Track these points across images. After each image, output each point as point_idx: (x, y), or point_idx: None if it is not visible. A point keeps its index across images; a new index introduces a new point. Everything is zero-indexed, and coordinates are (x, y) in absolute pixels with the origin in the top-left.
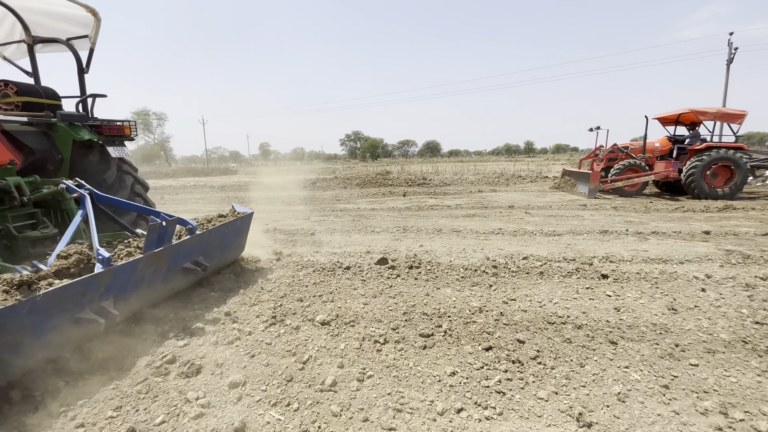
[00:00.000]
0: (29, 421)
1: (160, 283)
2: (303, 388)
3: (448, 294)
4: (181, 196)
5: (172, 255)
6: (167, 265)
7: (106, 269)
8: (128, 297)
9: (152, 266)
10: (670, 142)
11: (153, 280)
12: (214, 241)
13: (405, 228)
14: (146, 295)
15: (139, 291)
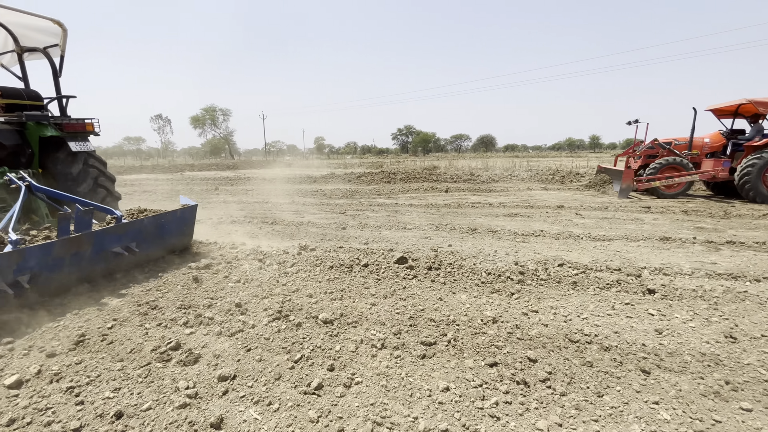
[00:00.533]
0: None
1: (87, 264)
2: (288, 388)
3: (462, 300)
4: (234, 187)
5: (94, 240)
6: (91, 249)
7: (15, 250)
8: (49, 275)
9: (72, 249)
10: (723, 137)
11: (77, 261)
12: (149, 230)
13: (438, 226)
14: (72, 274)
15: (61, 270)
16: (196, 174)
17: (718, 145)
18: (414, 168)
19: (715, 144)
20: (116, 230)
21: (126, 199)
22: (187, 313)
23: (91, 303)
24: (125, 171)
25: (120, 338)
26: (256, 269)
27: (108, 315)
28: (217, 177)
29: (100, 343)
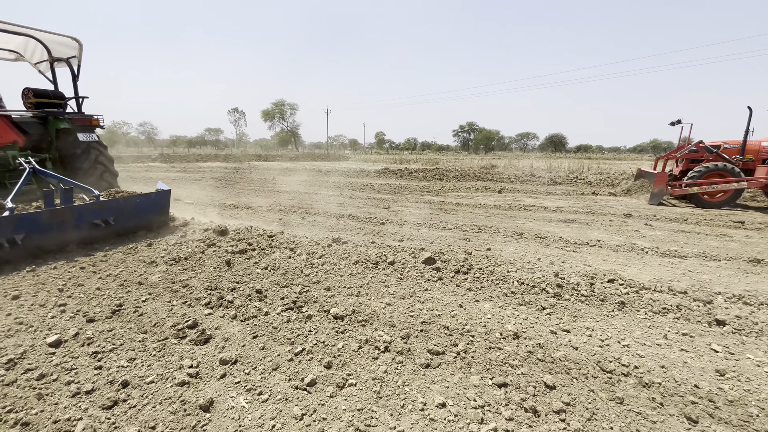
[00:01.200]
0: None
1: (73, 230)
2: (282, 381)
3: (484, 309)
4: (290, 178)
5: (74, 213)
6: (73, 219)
7: (10, 215)
8: (39, 236)
9: (56, 218)
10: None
11: (62, 227)
12: (125, 208)
13: (481, 227)
14: (58, 237)
15: (50, 233)
16: (261, 164)
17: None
18: (470, 166)
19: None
20: (93, 206)
21: (195, 184)
22: (211, 295)
23: (136, 276)
24: (202, 159)
25: (149, 312)
26: (285, 258)
27: (146, 289)
28: (279, 167)
29: (132, 314)
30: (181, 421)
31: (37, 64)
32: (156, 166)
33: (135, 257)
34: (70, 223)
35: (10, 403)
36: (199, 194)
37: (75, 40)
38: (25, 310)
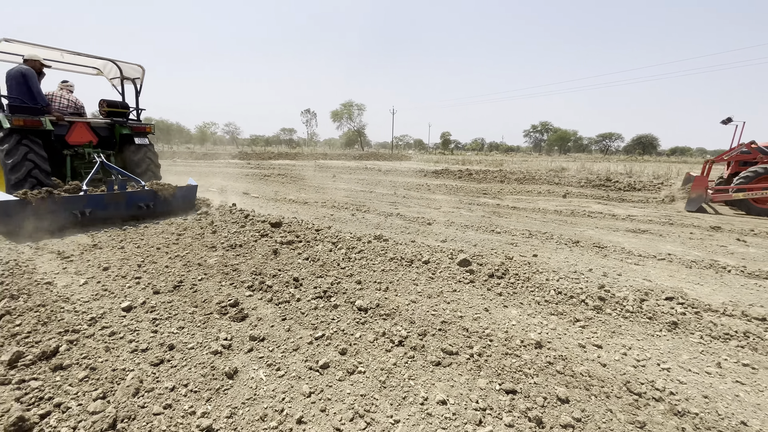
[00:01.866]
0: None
1: (124, 209)
2: (299, 361)
3: (511, 315)
4: (351, 176)
5: (126, 196)
6: (125, 201)
7: (82, 194)
8: (101, 209)
9: (114, 199)
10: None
11: (117, 206)
12: (164, 195)
13: (533, 233)
14: (114, 213)
15: (108, 209)
16: (327, 162)
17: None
18: (537, 168)
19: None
20: (140, 193)
21: (264, 180)
22: (254, 279)
23: (198, 258)
24: (274, 157)
25: (202, 289)
26: (326, 251)
27: (203, 270)
28: (342, 166)
29: (189, 290)
30: (208, 384)
31: (112, 79)
32: (234, 163)
33: (200, 242)
34: (122, 203)
35: (86, 351)
36: (265, 189)
37: (140, 66)
38: (111, 279)
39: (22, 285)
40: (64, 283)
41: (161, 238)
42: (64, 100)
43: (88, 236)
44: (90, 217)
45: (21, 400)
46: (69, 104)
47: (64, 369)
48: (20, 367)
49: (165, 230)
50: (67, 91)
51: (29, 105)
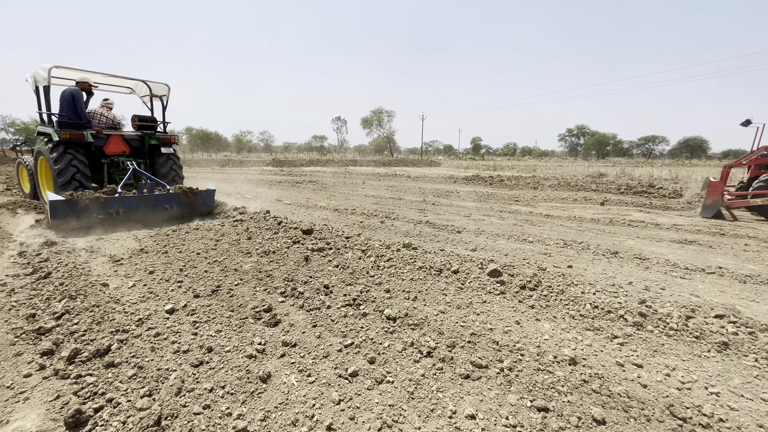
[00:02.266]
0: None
1: (152, 208)
2: (329, 368)
3: (543, 329)
4: (380, 182)
5: (154, 198)
6: (153, 202)
7: (117, 196)
8: (132, 209)
9: (143, 201)
10: None
11: (146, 206)
12: (184, 199)
13: (568, 243)
14: (143, 212)
15: (138, 209)
16: (356, 169)
17: None
18: (573, 174)
19: None
20: (165, 196)
21: (296, 187)
22: (287, 285)
23: (234, 264)
24: (305, 164)
25: (237, 294)
26: (356, 258)
27: (239, 276)
28: (371, 173)
29: (226, 294)
30: (244, 387)
31: (143, 97)
32: (268, 170)
33: (237, 248)
34: (150, 204)
35: (134, 350)
36: (297, 196)
37: (166, 85)
38: (155, 282)
39: (79, 286)
40: (115, 285)
41: (201, 243)
42: (104, 117)
43: (135, 240)
44: (123, 216)
45: (78, 394)
46: (107, 120)
47: (116, 366)
48: (78, 363)
49: (204, 236)
50: (107, 108)
51: (74, 121)
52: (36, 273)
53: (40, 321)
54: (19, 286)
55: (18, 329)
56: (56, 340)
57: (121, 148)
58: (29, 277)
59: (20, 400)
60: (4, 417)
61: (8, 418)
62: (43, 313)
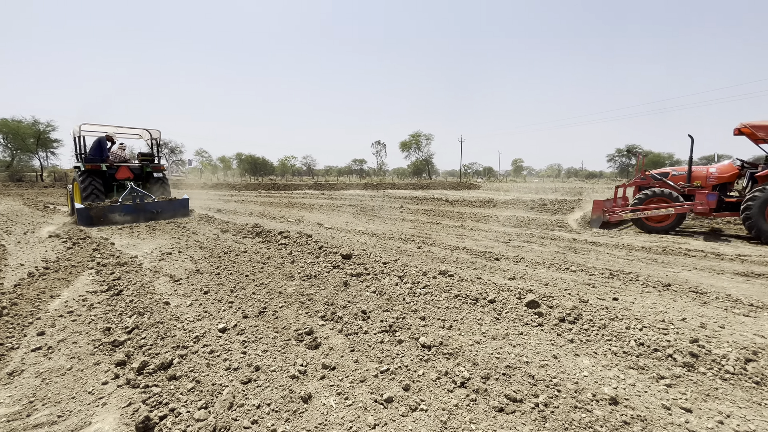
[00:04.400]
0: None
1: (143, 213)
2: (365, 392)
3: (583, 365)
4: (417, 206)
5: (144, 206)
6: (143, 208)
7: (119, 204)
8: (132, 215)
9: (137, 207)
10: (735, 168)
11: (138, 211)
12: (164, 206)
13: (615, 273)
14: (140, 216)
15: (137, 214)
16: (394, 192)
17: (728, 176)
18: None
19: (724, 175)
20: (151, 204)
21: (335, 211)
22: (327, 309)
23: (279, 287)
24: (345, 187)
25: (282, 316)
26: (393, 284)
27: (283, 298)
28: (409, 196)
29: (271, 316)
30: (287, 405)
31: (146, 140)
32: (310, 193)
33: (281, 271)
34: (141, 209)
35: (192, 365)
36: (336, 220)
37: (158, 131)
38: (209, 302)
39: (146, 304)
40: (176, 304)
41: (249, 266)
42: (117, 155)
43: (192, 262)
44: (124, 218)
45: (146, 402)
46: (120, 157)
47: (177, 379)
48: (145, 374)
49: (252, 258)
50: (121, 149)
51: (96, 158)
52: (110, 290)
53: (114, 334)
54: (97, 301)
55: (96, 341)
56: (128, 353)
57: (127, 174)
58: (104, 294)
59: (99, 404)
60: (87, 419)
61: (90, 420)
62: (117, 327)
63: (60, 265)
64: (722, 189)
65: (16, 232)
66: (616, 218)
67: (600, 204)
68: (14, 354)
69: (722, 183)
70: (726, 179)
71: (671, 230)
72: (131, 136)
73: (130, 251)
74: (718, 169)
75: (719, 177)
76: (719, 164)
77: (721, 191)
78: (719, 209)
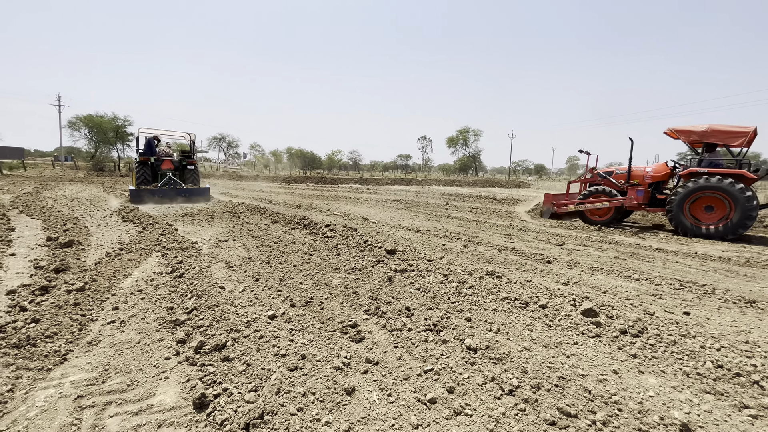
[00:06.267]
0: None
1: (175, 194)
2: (408, 390)
3: (648, 384)
4: (464, 204)
5: (176, 190)
6: (175, 192)
7: (158, 188)
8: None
9: (170, 190)
10: (668, 168)
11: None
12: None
13: (686, 284)
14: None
15: (168, 195)
16: (440, 188)
17: (661, 175)
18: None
19: (658, 174)
20: (183, 189)
21: (380, 205)
22: (371, 304)
23: (325, 278)
24: (390, 182)
25: (327, 308)
26: (437, 282)
27: (329, 290)
28: (455, 193)
29: (317, 306)
30: (331, 396)
31: (188, 141)
32: (356, 187)
33: (327, 263)
34: (173, 192)
35: (244, 348)
36: (381, 215)
37: (194, 133)
38: (260, 289)
39: (204, 287)
40: (230, 289)
41: (297, 257)
42: (163, 151)
43: (245, 250)
44: (161, 198)
45: (203, 380)
46: (164, 153)
47: (230, 361)
48: (202, 353)
49: (300, 249)
50: (166, 147)
51: (147, 153)
52: (173, 272)
53: (176, 314)
54: (162, 282)
55: (161, 318)
56: (187, 332)
57: (168, 166)
58: (168, 276)
59: (162, 378)
60: (151, 390)
61: (154, 392)
62: (178, 307)
63: (132, 247)
64: (657, 187)
65: (97, 215)
66: (563, 210)
67: (549, 197)
68: (93, 325)
69: (657, 181)
70: (660, 178)
71: (610, 224)
72: (178, 137)
73: (191, 237)
74: (653, 168)
75: (654, 176)
76: (656, 165)
77: (656, 189)
78: (653, 205)
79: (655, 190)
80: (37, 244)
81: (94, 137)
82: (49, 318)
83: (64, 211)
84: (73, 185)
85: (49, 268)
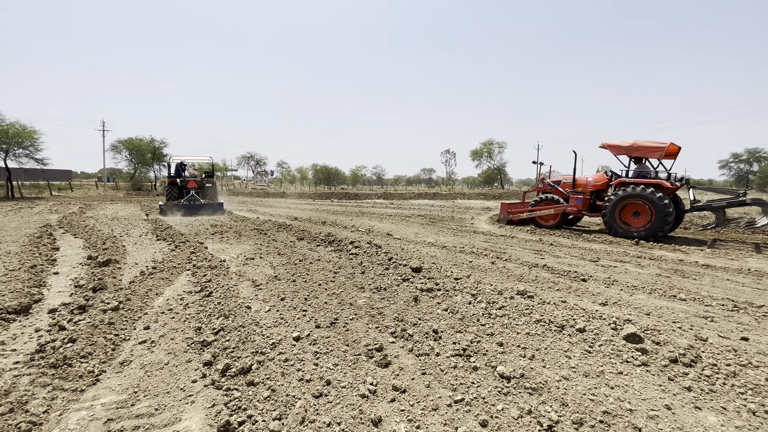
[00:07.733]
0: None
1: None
2: (437, 422)
3: (708, 422)
4: (485, 216)
5: (198, 205)
6: (195, 207)
7: (182, 204)
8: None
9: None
10: (606, 177)
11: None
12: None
13: (740, 305)
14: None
15: (195, 211)
16: (464, 202)
17: (600, 183)
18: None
19: (598, 183)
20: (201, 205)
21: (404, 221)
22: (397, 326)
23: (349, 298)
24: (414, 197)
25: (352, 329)
26: (466, 303)
27: (353, 310)
28: (480, 206)
29: (342, 328)
30: (357, 427)
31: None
32: (380, 202)
33: (352, 282)
34: (194, 207)
35: (269, 372)
36: (405, 231)
37: (211, 157)
38: (285, 309)
39: (231, 307)
40: (256, 309)
41: (322, 275)
42: (189, 173)
43: (271, 268)
44: (185, 212)
45: (227, 405)
46: (190, 174)
47: (255, 386)
48: (228, 377)
49: (324, 267)
50: (192, 169)
51: (176, 176)
52: (202, 291)
53: (204, 334)
54: (191, 301)
55: (189, 339)
56: (214, 353)
57: (193, 185)
58: (197, 295)
59: (188, 402)
60: (178, 415)
61: (180, 417)
62: (206, 327)
63: (164, 266)
64: (598, 194)
65: (133, 234)
66: (517, 217)
67: (506, 206)
68: (125, 345)
69: (597, 189)
70: (600, 186)
71: (558, 228)
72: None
73: (220, 255)
74: (594, 178)
75: (594, 185)
76: (596, 175)
77: (597, 197)
78: (594, 210)
79: (596, 197)
80: (79, 263)
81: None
82: (84, 338)
83: (104, 230)
84: (114, 204)
85: (87, 287)
